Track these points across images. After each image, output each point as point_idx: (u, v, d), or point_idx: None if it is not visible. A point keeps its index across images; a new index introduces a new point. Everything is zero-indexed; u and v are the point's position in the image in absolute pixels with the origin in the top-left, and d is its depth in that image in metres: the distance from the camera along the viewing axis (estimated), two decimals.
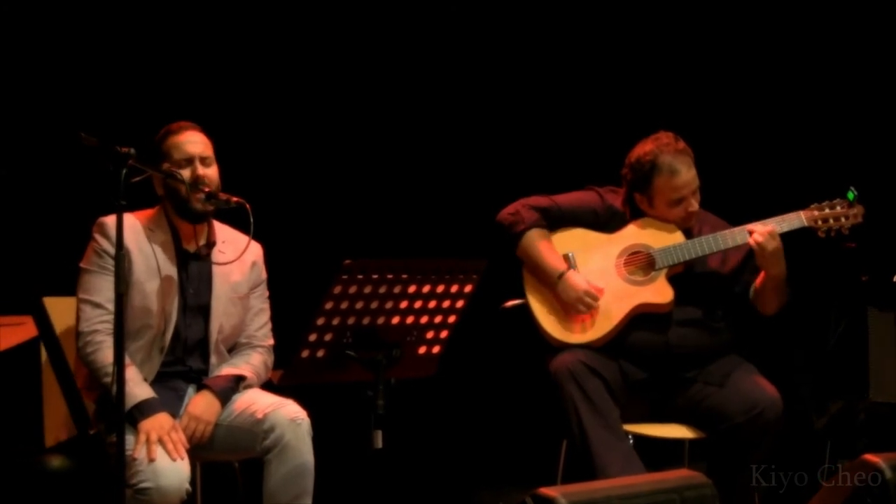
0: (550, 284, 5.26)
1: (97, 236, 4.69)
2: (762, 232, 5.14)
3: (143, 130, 4.82)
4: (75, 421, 4.62)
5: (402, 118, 6.55)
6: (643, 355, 5.22)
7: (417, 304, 4.32)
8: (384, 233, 6.38)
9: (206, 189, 4.69)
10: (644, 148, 5.29)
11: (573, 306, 5.22)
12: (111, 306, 4.56)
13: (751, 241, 5.15)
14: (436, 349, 4.45)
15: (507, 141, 6.58)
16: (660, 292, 5.23)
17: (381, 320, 4.28)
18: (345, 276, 4.16)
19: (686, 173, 5.22)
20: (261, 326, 4.96)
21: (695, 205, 5.27)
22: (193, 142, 4.77)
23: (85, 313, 4.66)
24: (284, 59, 6.33)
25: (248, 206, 4.61)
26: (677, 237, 5.27)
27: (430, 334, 4.41)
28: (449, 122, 6.60)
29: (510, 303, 5.42)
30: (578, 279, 5.23)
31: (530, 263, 5.33)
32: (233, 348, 4.92)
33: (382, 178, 6.51)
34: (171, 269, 4.75)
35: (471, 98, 6.62)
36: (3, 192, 5.49)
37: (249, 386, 4.83)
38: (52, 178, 5.67)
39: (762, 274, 5.22)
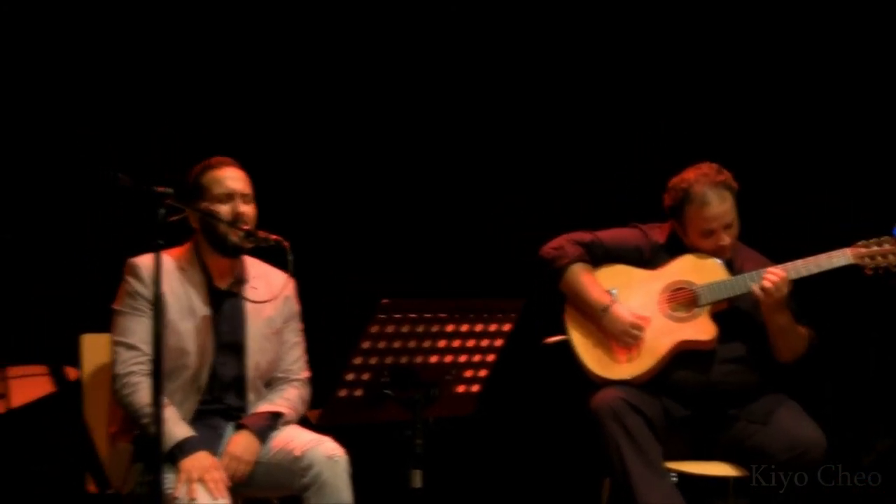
0: (595, 317, 5.24)
1: (128, 278, 4.69)
2: (774, 277, 5.06)
3: (174, 167, 4.82)
4: (94, 479, 4.61)
5: (440, 152, 6.52)
6: (686, 392, 5.18)
7: (456, 343, 4.30)
8: (422, 269, 6.35)
9: (245, 227, 4.68)
10: (683, 175, 5.27)
11: (619, 338, 5.19)
12: (146, 347, 4.56)
13: (755, 287, 5.09)
14: (474, 388, 4.44)
15: (549, 177, 6.53)
16: (703, 329, 5.19)
17: (418, 359, 4.26)
18: (382, 316, 4.15)
19: (717, 206, 5.18)
20: (296, 360, 4.94)
21: (726, 239, 5.22)
22: (234, 178, 4.77)
23: (120, 355, 4.65)
24: (315, 94, 6.32)
25: (286, 244, 4.59)
26: (721, 273, 5.22)
27: (468, 373, 4.39)
28: (488, 159, 6.56)
29: (551, 339, 5.38)
30: (623, 311, 5.20)
31: (574, 297, 5.30)
32: (268, 383, 4.90)
33: (422, 213, 6.49)
34: (204, 308, 4.74)
35: (507, 133, 6.58)
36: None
37: (287, 422, 4.81)
38: (89, 216, 5.70)
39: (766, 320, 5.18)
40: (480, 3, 6.49)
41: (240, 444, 4.67)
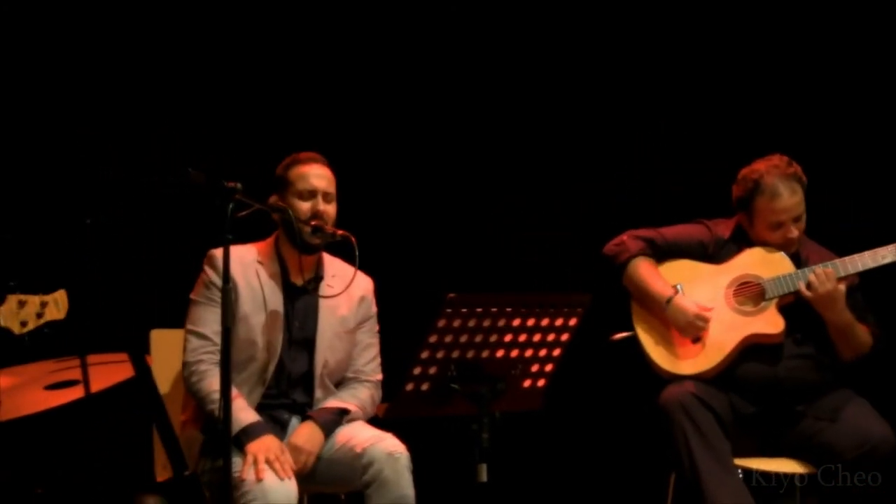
0: (659, 310, 5.22)
1: (206, 268, 4.74)
2: (819, 272, 5.07)
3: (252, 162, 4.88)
4: (171, 462, 4.66)
5: (510, 151, 6.53)
6: (753, 388, 5.16)
7: (522, 338, 4.29)
8: (490, 265, 6.37)
9: (314, 222, 4.71)
10: (753, 166, 5.25)
11: (684, 330, 5.18)
12: (216, 338, 4.61)
13: (801, 285, 5.09)
14: (541, 383, 4.42)
15: (613, 176, 6.51)
16: (771, 322, 5.17)
17: (485, 354, 4.26)
18: (449, 310, 4.15)
19: (788, 198, 5.16)
20: (369, 361, 4.96)
21: (794, 231, 5.19)
22: (320, 175, 4.80)
23: (191, 343, 4.72)
24: (385, 93, 6.39)
25: (353, 238, 4.62)
26: (787, 266, 5.20)
27: (534, 367, 4.38)
28: (556, 158, 6.56)
29: (619, 335, 5.37)
30: (687, 302, 5.18)
31: (637, 291, 5.29)
32: (340, 382, 4.92)
33: (488, 210, 6.51)
34: (277, 303, 4.78)
35: (582, 134, 6.57)
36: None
37: (354, 419, 4.83)
38: (166, 209, 5.78)
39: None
40: (480, 2, 6.49)
41: (303, 434, 4.70)
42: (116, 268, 5.77)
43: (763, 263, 5.24)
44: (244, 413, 4.63)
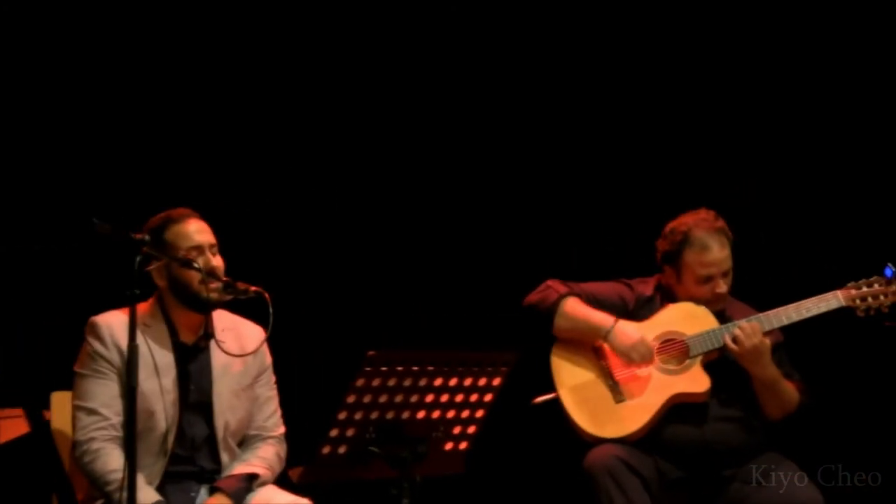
0: (601, 338, 5.10)
1: (89, 338, 4.50)
2: (744, 326, 4.99)
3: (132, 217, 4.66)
4: None
5: (422, 200, 6.39)
6: (680, 452, 5.04)
7: (444, 398, 4.14)
8: (408, 322, 6.22)
9: (225, 279, 4.51)
10: (681, 219, 5.19)
11: (627, 355, 5.06)
12: (107, 411, 4.41)
13: (726, 338, 5.02)
14: (463, 445, 4.26)
15: (535, 227, 6.41)
16: (696, 381, 5.07)
17: (405, 414, 4.09)
18: (368, 368, 3.98)
19: (718, 252, 5.09)
20: (270, 415, 4.76)
21: (723, 286, 5.12)
22: (200, 230, 4.59)
23: (81, 421, 4.46)
24: (295, 132, 6.21)
25: (267, 295, 4.42)
26: (711, 322, 5.12)
27: (457, 429, 4.22)
28: (474, 204, 6.44)
29: (541, 398, 5.23)
30: (630, 328, 5.08)
31: (575, 326, 5.15)
32: (242, 441, 4.71)
33: (406, 263, 6.34)
34: (170, 366, 4.56)
35: (494, 177, 6.48)
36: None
37: (264, 483, 4.64)
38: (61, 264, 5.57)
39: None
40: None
41: None
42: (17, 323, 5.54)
43: (686, 319, 5.14)
44: (143, 493, 4.36)
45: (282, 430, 4.79)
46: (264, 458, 4.68)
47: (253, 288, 4.48)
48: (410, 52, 6.27)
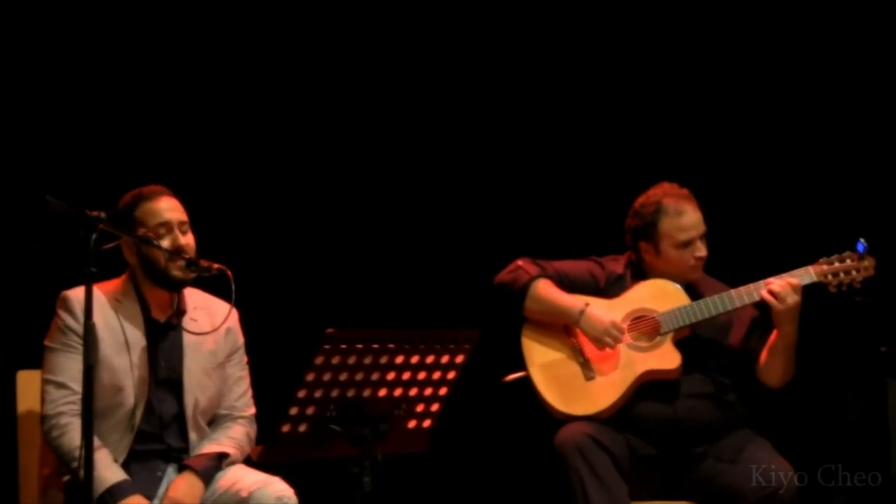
0: (572, 323, 5.08)
1: (60, 312, 4.47)
2: (782, 284, 4.94)
3: (106, 194, 4.61)
4: None
5: (388, 175, 6.34)
6: (651, 429, 5.02)
7: (406, 376, 4.10)
8: (376, 300, 6.15)
9: (186, 256, 4.48)
10: (647, 194, 5.17)
11: (599, 340, 5.04)
12: (76, 385, 4.35)
13: (765, 293, 4.95)
14: (426, 423, 4.23)
15: (503, 206, 6.38)
16: (666, 358, 5.04)
17: (367, 392, 4.06)
18: (327, 346, 3.95)
19: (692, 214, 5.09)
20: (240, 395, 4.73)
21: (703, 249, 5.11)
22: (171, 208, 4.56)
23: (49, 395, 4.43)
24: (256, 116, 6.13)
25: (229, 273, 4.39)
26: (682, 299, 5.09)
27: (419, 407, 4.19)
28: (442, 180, 6.40)
29: (511, 376, 5.20)
30: (601, 312, 5.05)
31: (545, 309, 5.12)
32: (212, 420, 4.69)
33: (372, 240, 6.29)
34: (140, 343, 4.53)
35: (463, 154, 6.43)
36: None
37: (233, 462, 4.60)
38: (26, 243, 5.51)
39: (772, 336, 5.02)
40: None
41: (181, 487, 4.45)
42: None
43: (657, 296, 5.12)
44: (109, 471, 4.35)
45: (252, 410, 4.75)
46: (234, 437, 4.65)
47: (216, 265, 4.45)
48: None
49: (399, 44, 6.27)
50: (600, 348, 5.06)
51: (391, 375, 4.07)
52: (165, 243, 4.49)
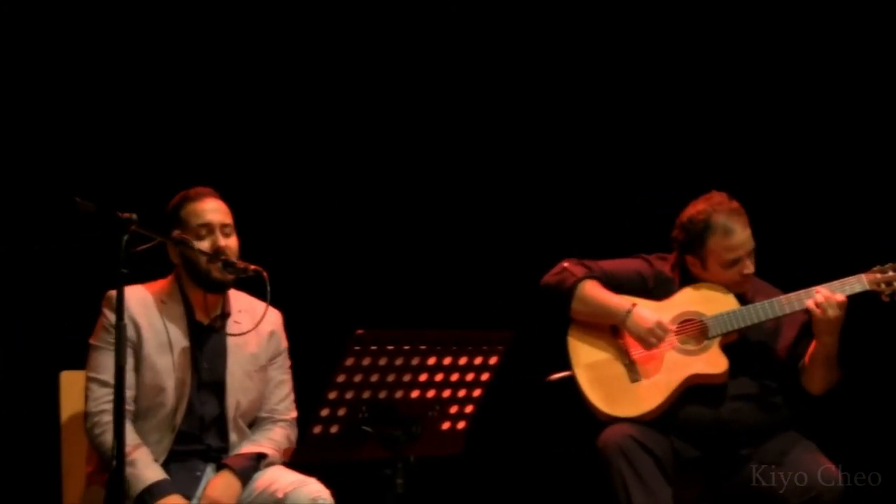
0: (619, 322, 5.04)
1: (106, 311, 4.53)
2: (827, 296, 4.87)
3: (155, 196, 4.66)
4: None
5: (422, 176, 6.32)
6: (696, 431, 4.97)
7: (438, 377, 4.07)
8: (413, 301, 6.15)
9: (223, 257, 4.50)
10: (697, 207, 5.07)
11: (644, 340, 4.99)
12: None
13: (810, 302, 4.88)
14: (461, 425, 4.20)
15: (545, 206, 6.34)
16: (713, 362, 4.99)
17: (398, 394, 4.03)
18: (357, 347, 3.93)
19: (741, 233, 4.99)
20: (282, 399, 4.75)
21: (750, 267, 5.03)
22: (213, 210, 4.60)
23: (93, 392, 4.50)
24: (298, 119, 6.17)
25: (265, 273, 4.41)
26: (731, 303, 5.02)
27: (453, 409, 4.16)
28: (482, 185, 6.38)
29: (555, 375, 5.16)
30: (647, 312, 5.01)
31: (593, 311, 5.08)
32: (253, 423, 4.71)
33: (410, 242, 6.29)
34: (184, 344, 4.57)
35: (503, 159, 6.40)
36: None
37: (271, 463, 4.63)
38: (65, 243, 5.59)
39: (812, 344, 4.95)
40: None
41: (218, 486, 4.49)
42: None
43: (706, 300, 5.06)
44: (149, 470, 4.41)
45: (294, 414, 4.78)
46: (274, 439, 4.69)
47: (252, 267, 4.49)
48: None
49: (431, 45, 6.28)
50: (646, 348, 5.02)
51: (423, 377, 4.05)
52: (205, 244, 4.53)
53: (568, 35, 6.34)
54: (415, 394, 4.06)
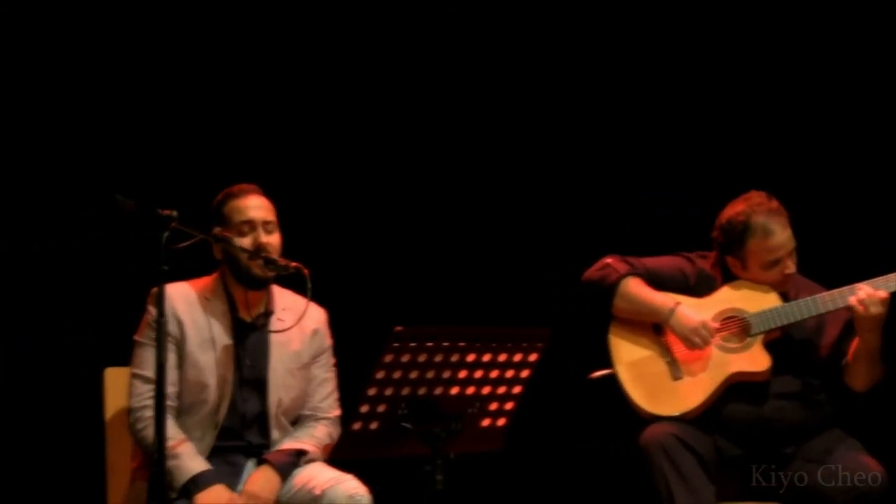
0: (662, 321, 5.02)
1: (150, 307, 4.56)
2: (870, 293, 4.83)
3: (201, 193, 4.69)
4: None
5: (459, 173, 6.33)
6: (739, 430, 4.94)
7: (478, 374, 4.08)
8: (455, 298, 6.15)
9: (263, 254, 4.52)
10: (735, 208, 5.02)
11: (687, 339, 4.97)
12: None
13: (853, 299, 4.84)
14: (501, 422, 4.21)
15: (584, 203, 6.33)
16: (756, 360, 4.96)
17: (438, 391, 4.05)
18: (396, 344, 3.95)
19: (781, 233, 4.96)
20: (325, 397, 4.76)
21: (791, 267, 5.00)
22: (256, 206, 4.62)
23: (137, 388, 4.54)
24: (342, 120, 6.20)
25: (306, 271, 4.43)
26: (774, 300, 4.99)
27: (493, 406, 4.17)
28: (512, 179, 6.37)
29: (597, 373, 5.14)
30: (691, 311, 4.99)
31: (635, 308, 5.07)
32: (296, 420, 4.73)
33: (449, 239, 6.30)
34: (226, 341, 4.59)
35: (539, 158, 6.40)
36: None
37: (312, 460, 4.64)
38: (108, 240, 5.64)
39: (855, 341, 4.91)
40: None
41: (258, 480, 4.52)
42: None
43: (748, 297, 5.03)
44: (193, 462, 4.45)
45: (337, 412, 4.79)
46: (315, 436, 4.70)
47: (293, 264, 4.50)
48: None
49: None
50: (690, 348, 4.99)
51: (463, 374, 4.06)
52: (247, 241, 4.55)
53: (576, 38, 6.34)
54: (454, 391, 4.07)
